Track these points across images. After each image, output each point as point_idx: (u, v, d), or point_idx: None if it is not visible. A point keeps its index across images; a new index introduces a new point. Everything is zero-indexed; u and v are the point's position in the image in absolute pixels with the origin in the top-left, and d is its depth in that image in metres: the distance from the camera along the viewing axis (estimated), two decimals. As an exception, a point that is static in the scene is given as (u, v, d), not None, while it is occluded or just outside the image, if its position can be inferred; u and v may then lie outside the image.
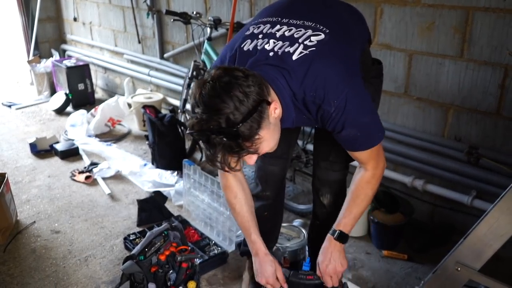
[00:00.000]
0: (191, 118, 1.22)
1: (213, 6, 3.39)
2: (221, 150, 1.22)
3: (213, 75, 1.21)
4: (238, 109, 1.17)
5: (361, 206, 1.59)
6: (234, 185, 1.64)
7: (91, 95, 4.69)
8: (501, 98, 2.15)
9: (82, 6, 4.87)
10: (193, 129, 1.21)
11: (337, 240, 1.60)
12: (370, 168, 1.52)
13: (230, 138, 1.19)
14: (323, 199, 1.87)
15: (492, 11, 2.07)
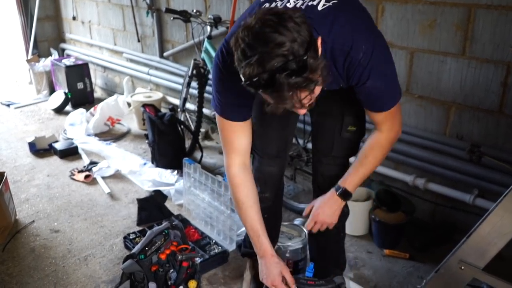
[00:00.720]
0: (245, 66, 1.09)
1: (213, 4, 3.37)
2: (290, 89, 1.09)
3: (257, 16, 1.10)
4: (297, 40, 1.07)
5: (369, 168, 1.59)
6: (245, 184, 1.61)
7: (90, 94, 4.67)
8: (504, 96, 2.14)
9: (81, 4, 4.85)
10: (253, 73, 1.08)
11: (339, 196, 1.62)
12: (385, 129, 1.53)
13: (298, 73, 1.07)
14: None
15: (494, 8, 2.06)
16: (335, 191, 1.63)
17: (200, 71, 3.21)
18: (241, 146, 1.55)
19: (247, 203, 1.62)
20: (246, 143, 1.56)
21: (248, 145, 1.57)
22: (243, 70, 1.11)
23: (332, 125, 1.70)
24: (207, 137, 3.78)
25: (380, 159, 1.59)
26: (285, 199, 2.76)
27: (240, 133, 1.53)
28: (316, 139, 1.82)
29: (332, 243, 1.96)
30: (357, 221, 2.48)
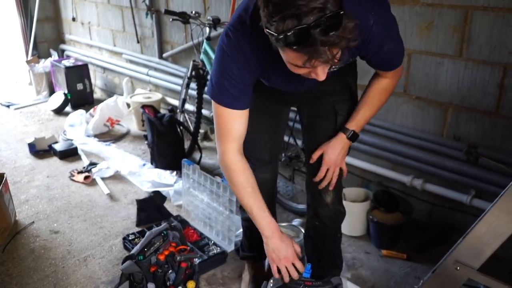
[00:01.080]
0: (278, 20, 1.05)
1: (212, 6, 3.39)
2: (323, 44, 1.06)
3: None
4: None
5: (374, 111, 1.66)
6: (244, 169, 1.60)
7: (90, 95, 4.69)
8: (500, 97, 2.15)
9: (80, 6, 4.86)
10: (287, 28, 1.04)
11: (349, 138, 1.67)
12: (391, 76, 1.58)
13: (333, 28, 1.04)
14: (326, 197, 1.82)
15: (491, 10, 2.07)
16: (344, 135, 1.67)
17: (199, 72, 3.23)
18: (238, 133, 1.53)
19: (252, 187, 1.60)
20: (242, 131, 1.54)
21: (243, 134, 1.55)
22: (275, 25, 1.07)
23: (327, 126, 1.72)
24: (206, 138, 3.79)
25: (385, 102, 1.67)
26: (284, 200, 2.78)
27: (238, 120, 1.51)
28: (309, 143, 1.81)
29: (329, 244, 1.97)
30: (355, 222, 2.49)
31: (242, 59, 1.37)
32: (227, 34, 1.39)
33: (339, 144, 1.68)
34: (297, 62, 1.15)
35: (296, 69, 1.20)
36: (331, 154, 1.69)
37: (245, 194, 1.61)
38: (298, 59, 1.13)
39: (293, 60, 1.16)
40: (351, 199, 2.55)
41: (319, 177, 1.74)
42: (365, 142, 2.66)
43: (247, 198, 1.61)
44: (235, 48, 1.37)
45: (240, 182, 1.59)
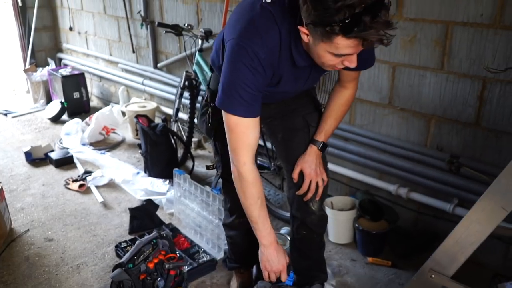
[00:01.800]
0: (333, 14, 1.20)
1: (205, 18, 3.47)
2: (374, 28, 1.21)
3: None
4: None
5: (338, 121, 1.82)
6: (259, 181, 1.64)
7: (86, 103, 4.76)
8: (480, 109, 2.22)
9: (77, 15, 4.94)
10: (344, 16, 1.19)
11: (320, 150, 1.80)
12: (352, 86, 1.75)
13: (379, 11, 1.19)
14: (313, 205, 1.88)
15: (470, 26, 2.15)
16: (315, 146, 1.79)
17: (192, 82, 3.30)
18: (254, 142, 1.58)
19: (261, 198, 1.66)
20: (257, 139, 1.59)
21: (257, 142, 1.61)
22: (330, 17, 1.21)
23: (302, 138, 1.82)
24: (200, 146, 3.86)
25: (346, 112, 1.83)
26: (274, 208, 2.84)
27: (253, 129, 1.55)
28: (287, 157, 1.88)
29: (317, 250, 2.03)
30: (342, 230, 2.56)
31: (256, 65, 1.44)
32: (237, 44, 1.44)
33: (312, 156, 1.79)
34: (347, 50, 1.29)
35: (331, 60, 1.35)
36: (309, 168, 1.78)
37: (255, 205, 1.65)
38: (350, 47, 1.28)
39: (344, 48, 1.29)
40: (339, 208, 2.62)
41: (303, 190, 1.82)
42: (352, 151, 2.73)
43: (256, 209, 1.66)
44: (248, 55, 1.43)
45: (253, 193, 1.64)
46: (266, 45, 1.43)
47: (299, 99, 1.80)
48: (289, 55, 1.48)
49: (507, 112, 2.14)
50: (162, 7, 3.82)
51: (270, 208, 2.83)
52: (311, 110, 1.84)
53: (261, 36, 1.43)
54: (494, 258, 2.29)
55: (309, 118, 1.82)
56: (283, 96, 1.75)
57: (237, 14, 1.54)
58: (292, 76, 1.58)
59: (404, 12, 2.35)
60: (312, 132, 1.82)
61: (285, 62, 1.50)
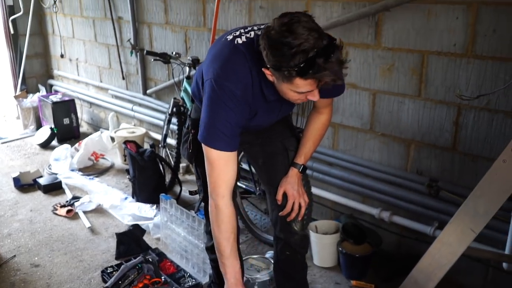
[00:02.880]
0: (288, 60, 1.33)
1: (193, 46, 3.56)
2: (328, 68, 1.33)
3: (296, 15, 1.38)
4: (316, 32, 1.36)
5: (316, 144, 1.91)
6: (233, 216, 1.69)
7: (76, 129, 4.80)
8: (456, 134, 2.30)
9: (69, 43, 5.03)
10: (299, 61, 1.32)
11: (301, 172, 1.88)
12: (327, 112, 1.86)
13: (330, 52, 1.33)
14: (295, 225, 1.93)
15: (444, 55, 2.25)
16: (297, 170, 1.87)
17: (180, 109, 3.36)
18: (231, 176, 1.64)
19: (235, 234, 1.70)
20: (234, 174, 1.65)
21: (235, 176, 1.66)
22: (287, 63, 1.34)
23: (282, 162, 1.91)
24: (188, 171, 3.90)
25: (323, 136, 1.93)
26: (260, 232, 2.88)
27: (231, 162, 1.62)
28: (269, 180, 1.97)
29: (300, 271, 2.07)
30: (326, 253, 2.59)
31: (234, 103, 1.55)
32: (215, 82, 1.54)
33: (294, 178, 1.87)
34: (307, 87, 1.41)
35: (295, 96, 1.48)
36: (292, 189, 1.86)
37: (228, 240, 1.69)
38: (308, 85, 1.40)
39: (303, 87, 1.41)
40: (323, 231, 2.66)
41: (287, 211, 1.88)
42: (336, 176, 2.79)
43: (228, 245, 1.69)
44: (225, 94, 1.54)
45: (228, 228, 1.68)
46: (240, 82, 1.55)
47: (275, 126, 1.89)
48: (260, 91, 1.60)
49: (482, 137, 2.22)
50: (151, 36, 3.91)
51: (256, 232, 2.86)
52: (288, 135, 1.95)
53: (236, 75, 1.54)
54: (474, 280, 2.34)
55: (287, 143, 1.92)
56: (259, 127, 1.85)
57: (213, 53, 1.64)
58: (266, 109, 1.69)
59: (382, 42, 2.45)
60: (291, 155, 1.90)
61: (258, 98, 1.61)
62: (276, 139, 1.92)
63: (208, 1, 3.33)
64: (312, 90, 1.44)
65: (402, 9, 2.31)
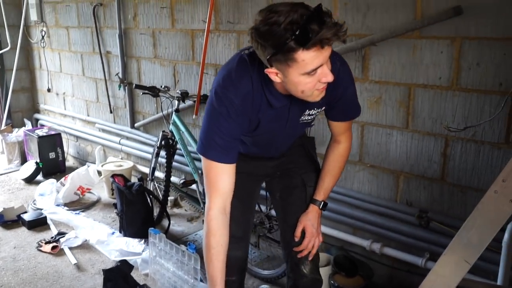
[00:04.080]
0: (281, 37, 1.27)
1: (182, 79, 3.59)
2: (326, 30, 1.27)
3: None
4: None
5: (336, 178, 1.85)
6: (220, 230, 1.60)
7: (62, 163, 4.74)
8: (444, 165, 2.33)
9: (56, 77, 5.04)
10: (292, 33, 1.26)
11: (321, 209, 1.84)
12: (344, 139, 1.80)
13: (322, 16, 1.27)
14: (304, 267, 1.89)
15: (430, 88, 2.30)
16: (317, 207, 1.83)
17: (169, 142, 3.36)
18: (225, 188, 1.59)
19: (216, 249, 1.60)
20: (229, 186, 1.59)
21: (231, 189, 1.60)
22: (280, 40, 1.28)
23: (298, 197, 1.87)
24: (176, 205, 3.86)
25: (343, 168, 1.86)
26: (250, 266, 2.83)
27: (225, 175, 1.57)
28: (285, 216, 1.92)
29: None
30: (318, 287, 2.55)
31: (231, 112, 1.51)
32: (215, 92, 1.53)
33: (314, 215, 1.84)
34: (315, 62, 1.32)
35: (308, 83, 1.38)
36: (311, 227, 1.83)
37: (209, 256, 1.60)
38: (315, 58, 1.31)
39: (310, 62, 1.31)
40: (314, 264, 2.63)
41: (303, 248, 1.85)
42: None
43: (209, 260, 1.60)
44: (223, 103, 1.50)
45: (210, 244, 1.59)
46: (240, 91, 1.50)
47: (296, 158, 1.88)
48: (263, 97, 1.53)
49: (470, 168, 2.25)
50: (140, 69, 3.94)
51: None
52: (308, 170, 1.90)
53: (235, 84, 1.51)
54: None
55: (306, 178, 1.88)
56: (273, 141, 1.76)
57: (222, 66, 1.63)
58: (272, 117, 1.60)
59: (370, 75, 2.50)
60: (309, 191, 1.86)
61: (262, 106, 1.55)
62: (296, 173, 1.89)
63: (197, 35, 3.38)
64: (321, 64, 1.34)
65: (388, 43, 2.38)
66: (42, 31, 4.93)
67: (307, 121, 1.70)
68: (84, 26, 4.39)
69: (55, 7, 4.71)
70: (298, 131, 1.84)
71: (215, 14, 3.18)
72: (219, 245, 1.60)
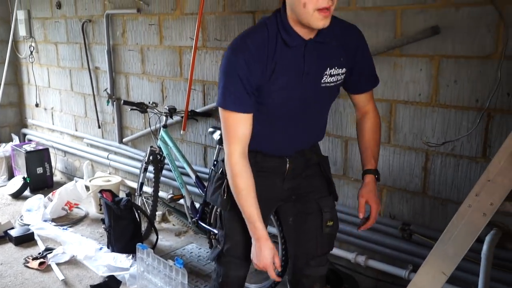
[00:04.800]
0: None
1: (170, 95, 3.64)
2: None
3: None
4: None
5: (379, 144, 1.84)
6: (245, 172, 1.63)
7: (50, 178, 4.74)
8: (425, 179, 2.40)
9: (44, 92, 5.05)
10: None
11: (377, 179, 1.82)
12: (371, 108, 1.82)
13: None
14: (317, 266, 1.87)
15: (410, 104, 2.37)
16: (374, 176, 1.80)
17: (157, 157, 3.39)
18: (243, 135, 1.62)
19: (247, 189, 1.63)
20: (247, 132, 1.62)
21: (248, 135, 1.63)
22: None
23: (313, 223, 1.82)
24: (164, 220, 3.88)
25: (380, 134, 1.87)
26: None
27: (242, 123, 1.60)
28: (298, 242, 1.88)
29: None
30: (304, 300, 2.59)
31: (247, 60, 1.53)
32: (231, 46, 1.57)
33: (373, 185, 1.80)
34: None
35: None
36: (374, 197, 1.80)
37: (240, 196, 1.64)
38: None
39: None
40: (301, 278, 2.66)
41: (372, 223, 1.83)
42: (312, 221, 2.83)
43: (243, 201, 1.64)
44: (239, 52, 1.54)
45: (238, 184, 1.63)
46: (256, 39, 1.54)
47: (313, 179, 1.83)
48: (280, 39, 1.55)
49: (449, 182, 2.32)
50: (128, 85, 3.98)
51: None
52: (325, 194, 1.85)
53: (250, 35, 1.57)
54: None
55: (322, 203, 1.82)
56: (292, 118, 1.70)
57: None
58: (288, 63, 1.58)
59: (352, 92, 2.57)
60: (326, 217, 1.82)
61: (277, 47, 1.55)
62: (311, 197, 1.82)
63: (184, 52, 3.44)
64: None
65: (370, 61, 2.45)
66: (31, 47, 4.96)
67: (329, 85, 1.64)
68: (73, 42, 4.43)
69: (44, 23, 4.75)
70: (320, 102, 1.73)
71: (202, 32, 3.25)
72: (248, 185, 1.63)
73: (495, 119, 2.13)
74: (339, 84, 1.70)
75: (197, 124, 3.48)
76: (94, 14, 4.11)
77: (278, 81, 1.58)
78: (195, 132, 3.54)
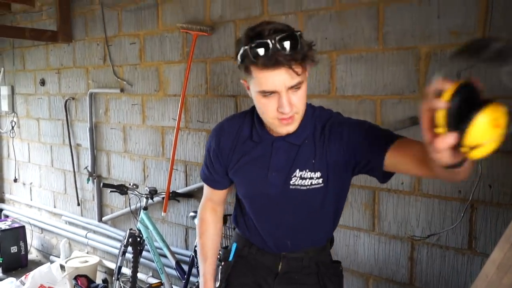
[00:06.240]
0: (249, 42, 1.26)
1: (151, 174, 3.58)
2: (285, 59, 1.23)
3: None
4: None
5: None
6: (210, 221, 1.76)
7: (24, 257, 4.54)
8: (412, 269, 2.33)
9: (24, 167, 4.96)
10: (253, 44, 1.24)
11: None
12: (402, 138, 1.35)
13: (288, 39, 1.24)
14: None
15: (393, 192, 2.35)
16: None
17: (136, 239, 3.27)
18: (217, 199, 1.77)
19: (208, 231, 1.75)
20: (221, 199, 1.77)
21: (222, 200, 1.78)
22: (247, 47, 1.26)
23: None
24: (143, 304, 3.70)
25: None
26: None
27: (214, 193, 1.75)
28: None
29: None
30: None
31: (218, 134, 1.61)
32: (213, 129, 1.67)
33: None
34: (268, 81, 1.27)
35: (265, 103, 1.32)
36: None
37: (198, 240, 1.76)
38: (268, 77, 1.26)
39: (264, 80, 1.27)
40: None
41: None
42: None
43: (199, 244, 1.75)
44: (214, 131, 1.64)
45: (201, 231, 1.75)
46: (232, 123, 1.60)
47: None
48: (249, 131, 1.54)
49: (437, 273, 2.26)
50: (109, 163, 3.93)
51: None
52: None
53: (230, 119, 1.65)
54: None
55: None
56: (258, 200, 1.57)
57: None
58: (255, 154, 1.51)
59: (335, 178, 2.55)
60: None
61: (248, 138, 1.54)
62: None
63: (167, 132, 3.43)
64: (275, 90, 1.28)
65: (351, 148, 2.46)
66: (13, 122, 4.93)
67: (300, 188, 1.44)
68: (55, 119, 4.41)
69: (27, 98, 4.75)
70: (293, 204, 1.51)
71: (185, 113, 3.26)
72: (209, 229, 1.75)
73: (479, 211, 2.11)
74: (317, 189, 1.45)
75: (178, 205, 3.41)
76: (78, 92, 4.13)
77: (243, 170, 1.55)
78: (177, 213, 3.46)
